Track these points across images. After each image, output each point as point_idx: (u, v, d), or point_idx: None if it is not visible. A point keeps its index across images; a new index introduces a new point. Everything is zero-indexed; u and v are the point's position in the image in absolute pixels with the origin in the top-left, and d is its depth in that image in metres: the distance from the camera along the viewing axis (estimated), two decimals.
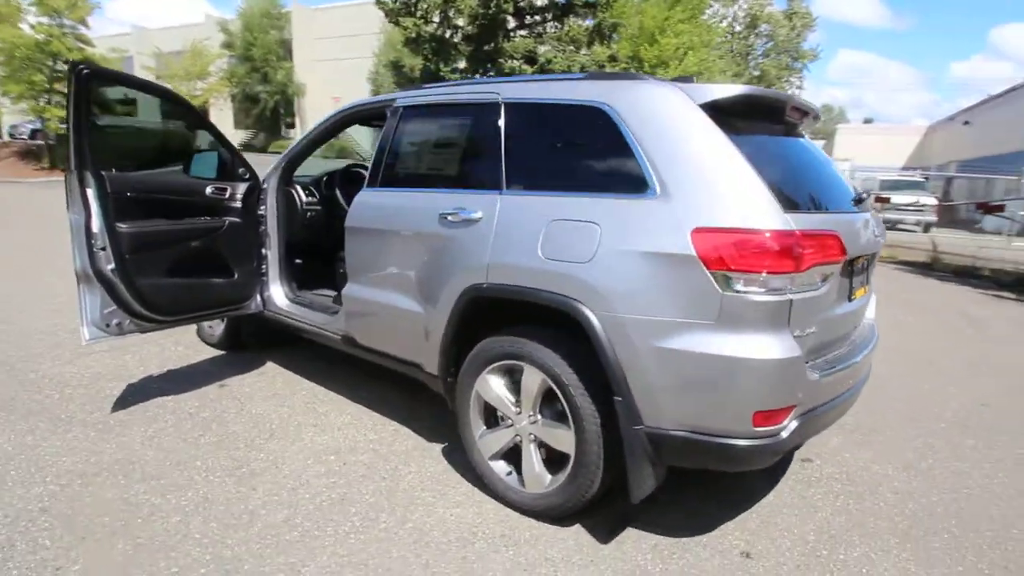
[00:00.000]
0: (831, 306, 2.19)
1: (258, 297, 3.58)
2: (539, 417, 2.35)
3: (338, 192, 3.96)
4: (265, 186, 3.54)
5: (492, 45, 19.25)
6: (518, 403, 2.41)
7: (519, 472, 2.44)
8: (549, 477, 2.35)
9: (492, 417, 2.56)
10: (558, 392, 2.22)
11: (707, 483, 2.66)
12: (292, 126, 34.56)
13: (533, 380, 2.30)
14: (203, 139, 3.45)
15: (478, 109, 2.62)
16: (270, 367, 3.89)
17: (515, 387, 2.41)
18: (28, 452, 2.68)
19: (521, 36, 19.71)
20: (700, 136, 2.05)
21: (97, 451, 2.72)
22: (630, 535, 2.33)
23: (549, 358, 2.22)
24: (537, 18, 19.61)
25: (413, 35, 18.47)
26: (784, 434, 2.00)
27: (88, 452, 2.71)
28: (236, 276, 3.44)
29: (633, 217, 2.05)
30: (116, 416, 3.09)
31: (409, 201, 2.79)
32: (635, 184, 2.09)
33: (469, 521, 2.36)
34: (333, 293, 3.65)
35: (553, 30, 19.79)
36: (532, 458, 2.38)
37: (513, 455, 2.48)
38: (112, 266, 2.84)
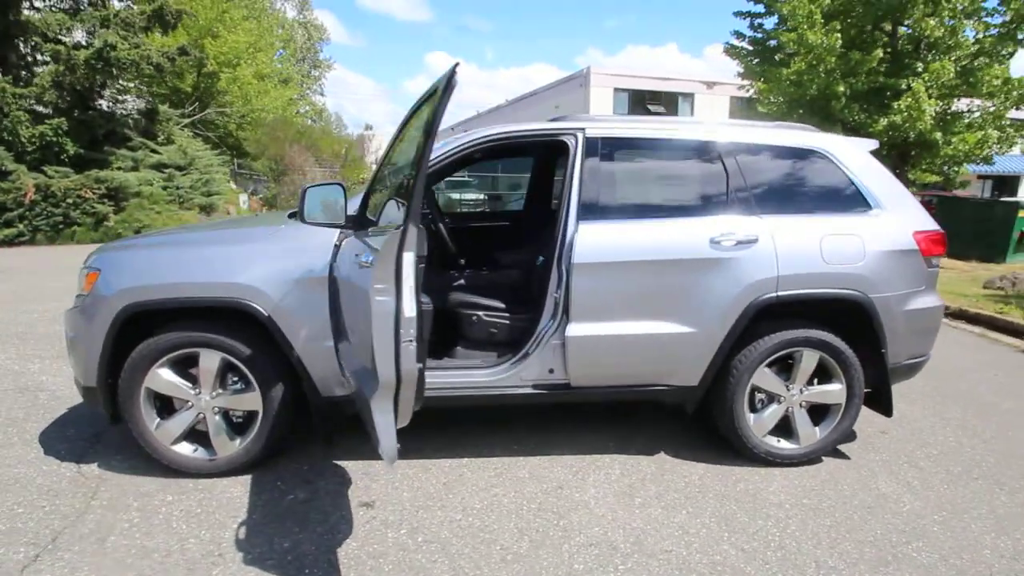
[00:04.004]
0: None
1: None
2: (806, 389, 3.06)
3: (442, 227, 3.22)
4: None
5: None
6: (792, 381, 3.04)
7: None
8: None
9: (757, 400, 3.08)
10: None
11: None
12: None
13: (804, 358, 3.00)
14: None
15: (707, 149, 3.01)
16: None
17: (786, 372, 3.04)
18: None
19: (48, 10, 15.04)
20: (881, 169, 3.17)
21: None
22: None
23: (826, 336, 2.97)
24: None
25: None
26: None
27: None
28: None
29: (875, 227, 3.01)
30: None
31: (660, 231, 2.89)
32: (862, 203, 3.05)
33: None
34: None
35: (91, 8, 15.82)
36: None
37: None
38: (420, 364, 1.92)
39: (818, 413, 3.13)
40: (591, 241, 2.84)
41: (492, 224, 4.84)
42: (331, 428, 2.96)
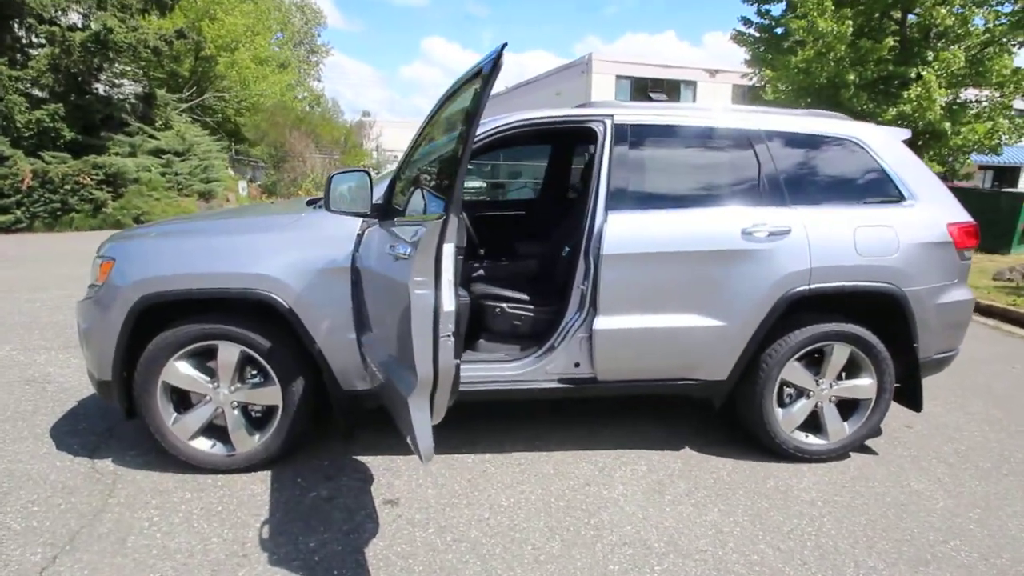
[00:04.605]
0: None
1: None
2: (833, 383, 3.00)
3: (464, 217, 3.12)
4: None
5: None
6: (820, 375, 2.98)
7: None
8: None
9: (786, 394, 3.02)
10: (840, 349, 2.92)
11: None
12: None
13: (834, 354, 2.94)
14: None
15: (738, 136, 2.92)
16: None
17: (816, 365, 2.98)
18: None
19: None
20: (914, 159, 3.09)
21: None
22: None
23: (858, 330, 2.91)
24: None
25: None
26: None
27: None
28: None
29: (909, 218, 2.94)
30: None
31: (690, 221, 2.82)
32: (895, 194, 2.97)
33: None
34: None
35: None
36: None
37: None
38: (457, 359, 1.84)
39: (847, 408, 3.07)
40: (620, 232, 2.76)
41: (506, 213, 4.75)
42: (352, 423, 2.89)
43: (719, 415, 3.27)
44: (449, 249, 1.71)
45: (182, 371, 2.64)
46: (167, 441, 2.69)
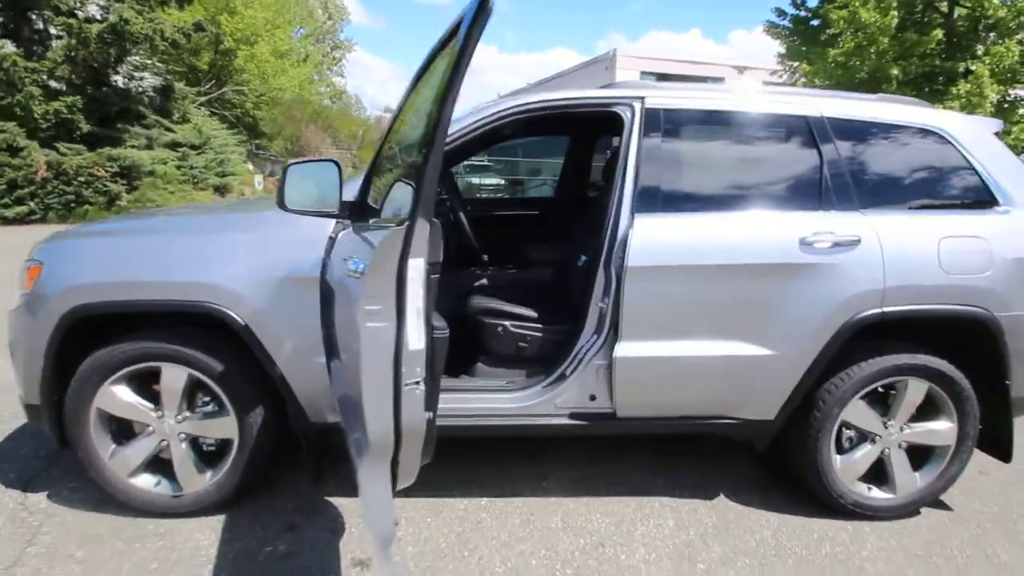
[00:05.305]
0: None
1: None
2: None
3: (462, 216, 2.68)
4: None
5: None
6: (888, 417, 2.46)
7: None
8: None
9: (845, 438, 2.50)
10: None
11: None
12: None
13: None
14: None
15: (796, 124, 2.40)
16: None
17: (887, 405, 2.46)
18: None
19: None
20: (1010, 156, 2.54)
21: None
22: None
23: (939, 363, 2.38)
24: None
25: None
26: None
27: None
28: None
29: (1005, 227, 2.39)
30: None
31: (737, 228, 2.32)
32: (988, 198, 2.43)
33: None
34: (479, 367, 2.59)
35: None
36: None
37: None
38: (430, 411, 1.38)
39: (919, 456, 2.54)
40: (650, 238, 2.26)
41: (518, 213, 4.27)
42: (321, 460, 2.45)
43: (762, 457, 2.77)
44: (417, 266, 1.24)
45: (120, 397, 2.21)
46: (102, 478, 2.27)
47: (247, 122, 21.02)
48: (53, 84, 14.14)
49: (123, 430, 2.31)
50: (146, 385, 2.26)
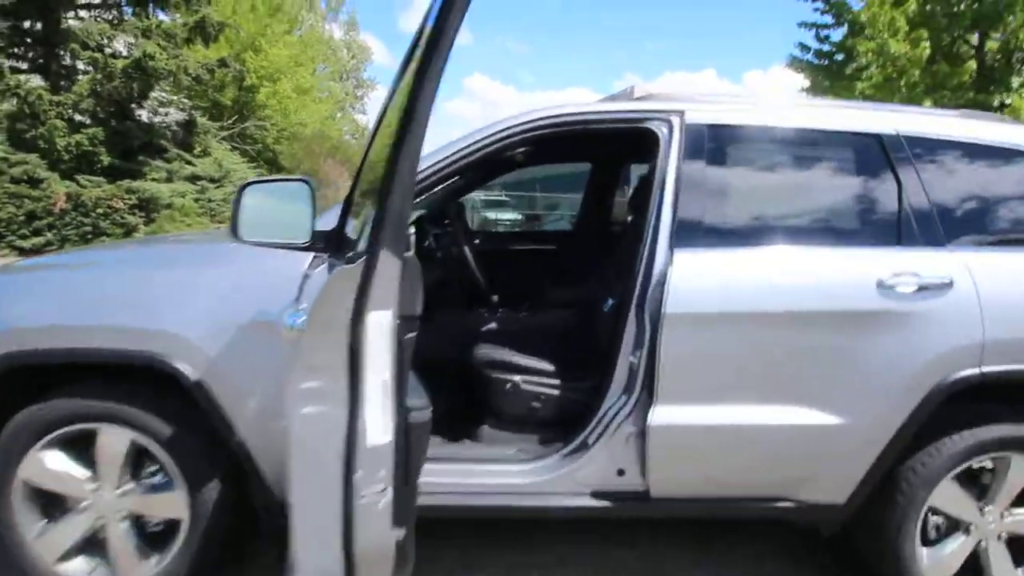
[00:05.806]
0: None
1: None
2: None
3: (467, 251, 2.31)
4: None
5: (42, 26, 14.17)
6: None
7: None
8: None
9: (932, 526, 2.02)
10: None
11: None
12: None
13: None
14: None
15: (868, 144, 2.01)
16: None
17: None
18: None
19: (92, 18, 15.07)
20: None
21: None
22: None
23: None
24: None
25: None
26: None
27: None
28: None
29: None
30: None
31: (799, 267, 1.92)
32: None
33: None
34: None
35: (131, 17, 15.82)
36: None
37: None
38: (402, 527, 0.97)
39: (1020, 549, 2.06)
40: (693, 279, 1.87)
41: (533, 247, 3.89)
42: (287, 544, 2.02)
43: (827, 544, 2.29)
44: (380, 321, 0.85)
45: (49, 465, 1.84)
46: (27, 562, 1.88)
47: (267, 156, 21.21)
48: (78, 117, 14.37)
49: (56, 502, 1.93)
50: (84, 450, 1.88)
